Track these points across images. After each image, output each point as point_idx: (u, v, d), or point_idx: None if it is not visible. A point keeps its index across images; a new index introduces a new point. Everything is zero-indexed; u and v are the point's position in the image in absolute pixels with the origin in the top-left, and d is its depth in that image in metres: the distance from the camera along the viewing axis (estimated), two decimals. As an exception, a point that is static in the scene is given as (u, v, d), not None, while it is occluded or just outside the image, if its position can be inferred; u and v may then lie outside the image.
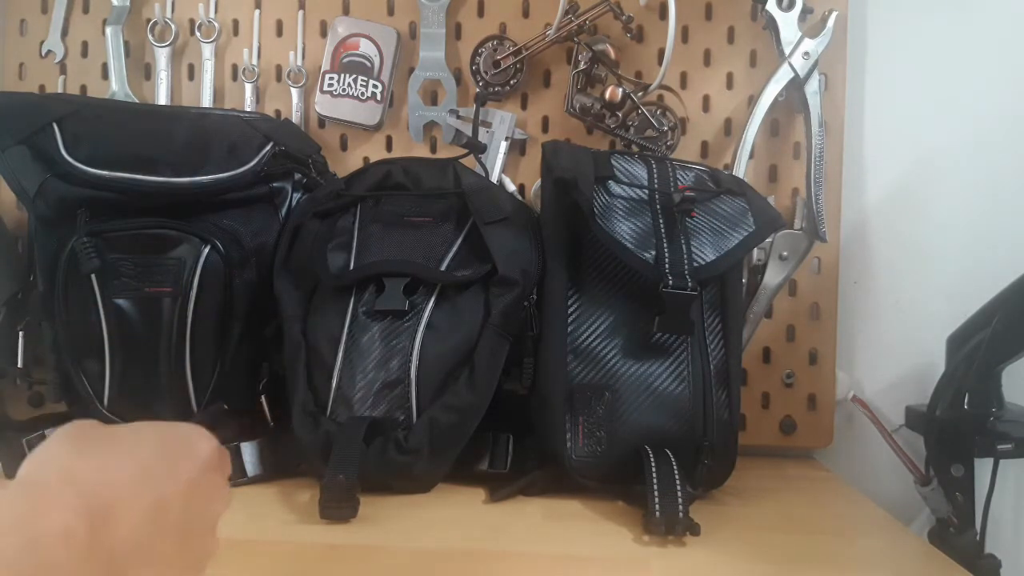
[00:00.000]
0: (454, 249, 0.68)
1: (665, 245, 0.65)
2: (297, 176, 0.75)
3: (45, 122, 0.65)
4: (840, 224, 0.82)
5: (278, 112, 0.84)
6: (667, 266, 0.63)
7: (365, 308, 0.66)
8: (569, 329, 0.66)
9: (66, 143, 0.65)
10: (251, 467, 0.66)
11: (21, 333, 0.74)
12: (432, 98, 0.83)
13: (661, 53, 0.79)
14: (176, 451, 0.36)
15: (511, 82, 0.82)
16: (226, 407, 0.68)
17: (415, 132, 0.83)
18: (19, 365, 0.74)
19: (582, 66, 0.78)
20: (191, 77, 0.84)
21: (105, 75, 0.84)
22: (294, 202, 0.74)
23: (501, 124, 0.81)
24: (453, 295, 0.66)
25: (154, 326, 0.66)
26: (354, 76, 0.82)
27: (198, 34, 0.83)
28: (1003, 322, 0.69)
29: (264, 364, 0.71)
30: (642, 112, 0.79)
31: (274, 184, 0.73)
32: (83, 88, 0.84)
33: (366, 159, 0.83)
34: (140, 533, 0.31)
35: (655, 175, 0.69)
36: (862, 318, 0.84)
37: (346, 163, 0.83)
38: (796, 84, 0.77)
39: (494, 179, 0.80)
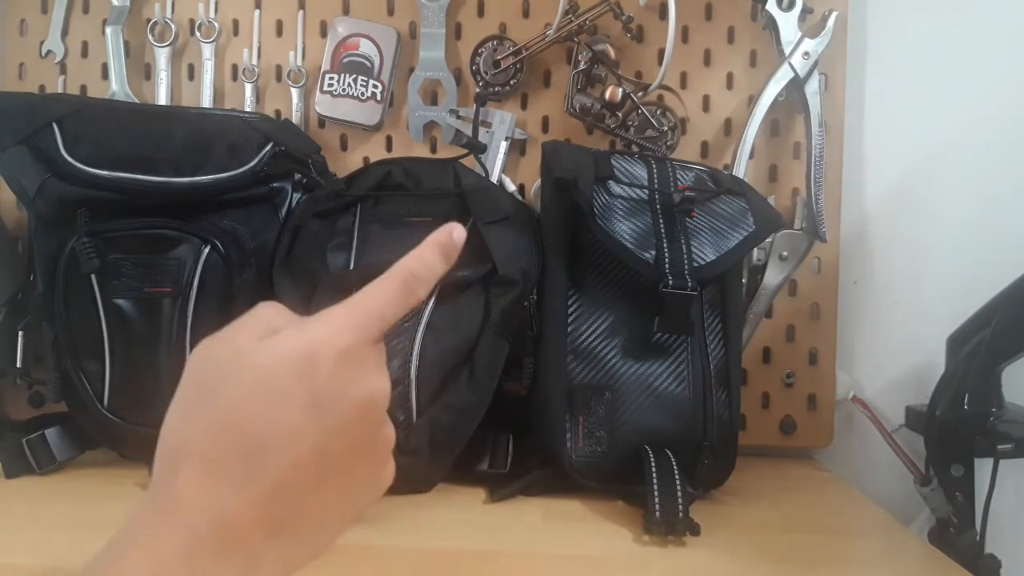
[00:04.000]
0: (454, 249, 0.68)
1: (665, 245, 0.65)
2: (297, 176, 0.74)
3: (45, 122, 0.65)
4: (840, 224, 0.82)
5: (278, 112, 0.84)
6: (667, 266, 0.63)
7: (365, 308, 0.66)
8: (569, 329, 0.66)
9: (66, 143, 0.65)
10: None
11: (21, 333, 0.73)
12: (432, 98, 0.83)
13: (661, 53, 0.79)
14: (351, 367, 0.31)
15: (511, 82, 0.81)
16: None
17: (415, 132, 0.83)
18: (19, 365, 0.73)
19: (582, 66, 0.78)
20: (191, 77, 0.84)
21: (105, 75, 0.83)
22: (294, 202, 0.74)
23: (501, 124, 0.81)
24: (453, 295, 0.66)
25: (154, 326, 0.66)
26: (354, 76, 0.82)
27: (198, 34, 0.83)
28: (1003, 322, 0.69)
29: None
30: (642, 112, 0.79)
31: (274, 184, 0.73)
32: (83, 88, 0.84)
33: (366, 159, 0.83)
34: (293, 489, 0.28)
35: (655, 175, 0.69)
36: (862, 318, 0.84)
37: (346, 163, 0.83)
38: (796, 84, 0.77)
39: (494, 179, 0.80)
